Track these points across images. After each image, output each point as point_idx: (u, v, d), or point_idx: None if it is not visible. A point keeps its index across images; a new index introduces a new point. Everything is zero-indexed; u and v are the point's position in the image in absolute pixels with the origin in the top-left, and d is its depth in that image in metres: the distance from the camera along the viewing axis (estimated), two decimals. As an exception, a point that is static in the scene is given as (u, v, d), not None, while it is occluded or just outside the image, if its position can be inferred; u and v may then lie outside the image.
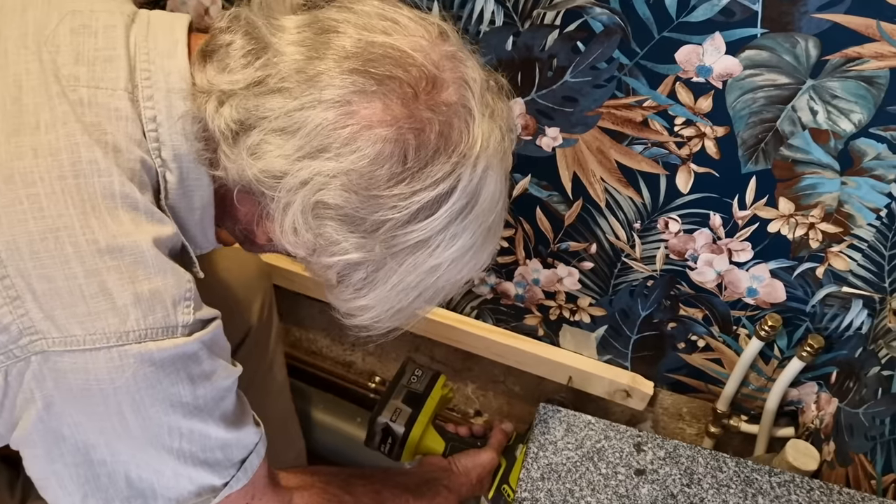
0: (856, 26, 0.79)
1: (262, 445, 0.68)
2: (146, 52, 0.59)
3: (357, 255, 0.58)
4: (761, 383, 1.15)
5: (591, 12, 0.88)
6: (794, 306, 1.04)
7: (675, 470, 0.79)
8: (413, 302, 0.63)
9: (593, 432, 0.82)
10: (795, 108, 0.86)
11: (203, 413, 0.60)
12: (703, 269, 1.05)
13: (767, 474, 0.80)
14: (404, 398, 0.97)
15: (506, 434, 1.01)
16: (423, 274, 0.61)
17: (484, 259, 0.65)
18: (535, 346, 1.24)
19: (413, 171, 0.55)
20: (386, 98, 0.55)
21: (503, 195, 0.63)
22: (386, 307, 0.63)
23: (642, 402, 1.21)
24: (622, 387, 1.20)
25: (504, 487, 0.96)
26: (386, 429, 0.94)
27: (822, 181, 0.91)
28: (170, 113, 0.58)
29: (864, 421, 0.96)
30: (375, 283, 0.61)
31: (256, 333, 1.04)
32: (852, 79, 0.82)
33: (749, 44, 0.83)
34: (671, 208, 1.01)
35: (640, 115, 0.94)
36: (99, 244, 0.54)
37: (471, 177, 0.57)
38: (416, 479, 0.92)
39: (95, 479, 0.60)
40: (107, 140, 0.56)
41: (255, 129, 0.55)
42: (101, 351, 0.54)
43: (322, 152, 0.54)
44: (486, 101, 0.60)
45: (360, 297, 0.62)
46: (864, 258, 0.95)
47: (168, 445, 0.59)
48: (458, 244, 0.60)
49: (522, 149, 1.03)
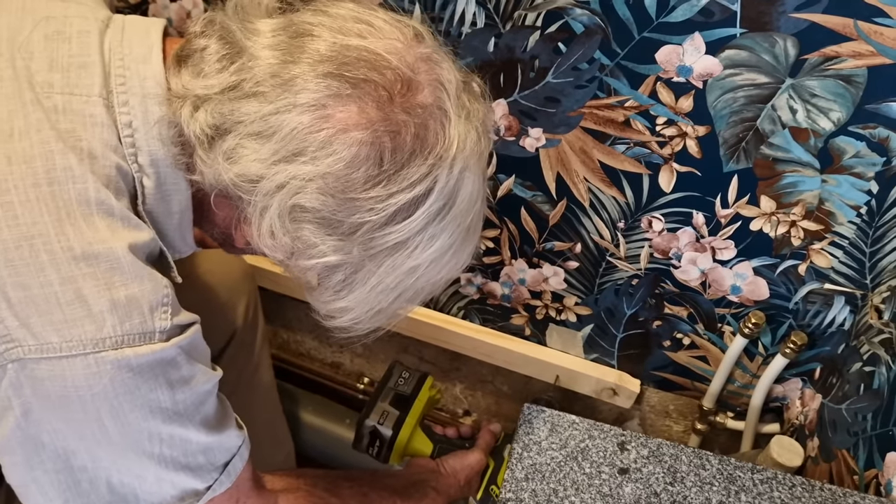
0: (833, 25, 0.79)
1: (245, 448, 0.67)
2: (121, 58, 0.58)
3: (335, 257, 0.58)
4: (746, 380, 1.16)
5: (572, 13, 0.88)
6: (777, 303, 1.04)
7: (658, 468, 0.79)
8: (393, 303, 0.64)
9: (577, 432, 0.82)
10: (775, 107, 0.87)
11: (183, 418, 0.60)
12: (686, 268, 1.06)
13: (750, 471, 0.80)
14: (391, 401, 0.97)
15: (493, 435, 1.01)
16: (402, 275, 0.61)
17: (463, 259, 0.65)
18: (523, 345, 1.24)
19: (389, 173, 0.56)
20: (361, 101, 0.55)
21: (481, 195, 0.63)
22: (366, 308, 0.63)
23: (629, 400, 1.22)
24: (609, 385, 1.21)
25: (492, 488, 0.96)
26: (374, 432, 0.94)
27: (803, 179, 0.91)
28: (146, 118, 0.58)
29: (846, 417, 0.97)
30: (354, 284, 0.61)
31: (241, 335, 1.04)
32: (831, 77, 0.83)
33: (728, 44, 0.84)
34: (654, 207, 1.01)
35: (621, 115, 0.94)
36: (74, 251, 0.53)
37: (447, 178, 0.58)
38: (403, 480, 0.92)
39: (76, 485, 0.60)
40: (82, 146, 0.55)
41: (230, 134, 0.55)
42: (77, 358, 0.53)
43: (298, 156, 0.54)
44: (462, 102, 0.60)
45: (340, 299, 0.62)
46: (846, 255, 0.96)
47: (149, 451, 0.59)
48: (437, 245, 0.60)
49: (506, 149, 1.03)
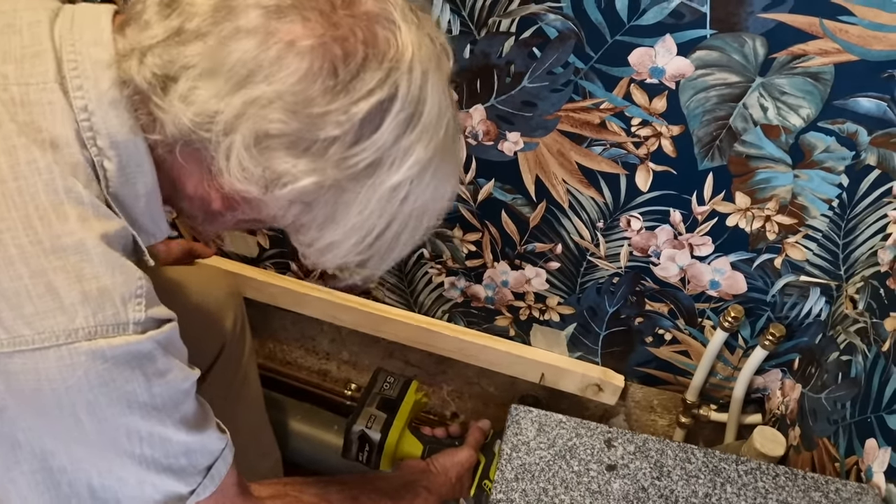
0: (800, 24, 0.81)
1: (228, 452, 0.67)
2: (72, 44, 0.58)
3: (310, 180, 0.56)
4: (728, 373, 1.18)
5: (545, 18, 0.89)
6: (755, 297, 1.06)
7: (645, 463, 0.81)
8: (384, 233, 0.62)
9: (564, 431, 0.83)
10: (747, 106, 0.89)
11: (161, 414, 0.59)
12: (666, 265, 1.08)
13: (734, 463, 0.82)
14: (378, 405, 0.97)
15: (483, 432, 1.02)
16: (385, 196, 0.59)
17: (447, 187, 0.63)
18: (507, 345, 1.26)
19: (346, 81, 0.54)
20: (303, 13, 0.54)
21: (450, 108, 0.61)
22: (355, 240, 0.61)
23: (614, 395, 1.23)
24: (594, 381, 1.22)
25: (485, 483, 0.96)
26: (362, 436, 0.95)
27: (776, 175, 0.93)
28: (100, 99, 0.57)
29: (826, 405, 0.99)
30: (337, 212, 0.59)
31: (229, 350, 1.04)
32: (799, 75, 0.85)
33: (699, 44, 0.86)
34: (632, 206, 1.03)
35: (597, 117, 0.95)
36: (43, 245, 0.53)
37: (409, 83, 0.56)
38: (394, 482, 0.92)
39: (56, 487, 0.59)
40: (43, 138, 0.55)
41: (182, 79, 0.54)
42: (50, 350, 0.53)
43: (250, 79, 0.54)
44: (408, 15, 0.58)
45: (327, 232, 0.60)
46: (820, 247, 0.98)
47: (128, 450, 0.59)
48: (413, 158, 0.58)
49: (485, 154, 1.04)
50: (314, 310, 1.30)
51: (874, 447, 0.85)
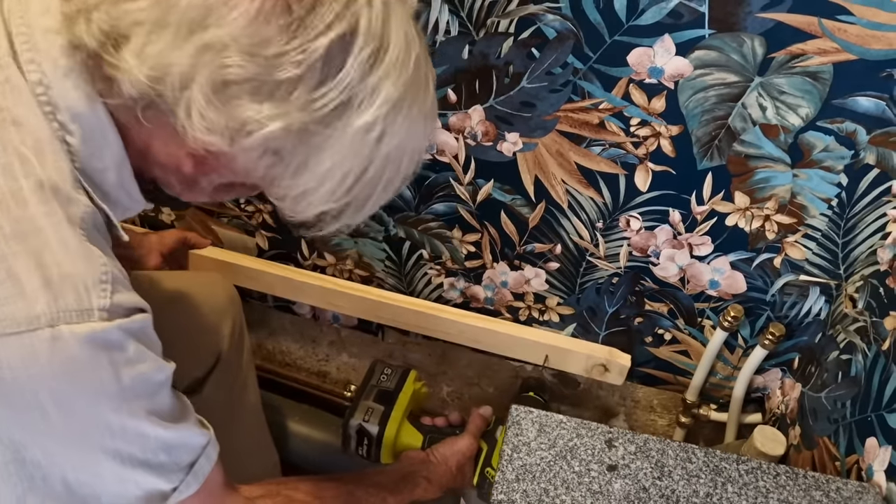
0: (798, 24, 0.81)
1: (212, 449, 0.65)
2: (20, 16, 0.56)
3: (276, 125, 0.54)
4: (728, 372, 1.18)
5: (544, 19, 0.89)
6: (754, 296, 1.07)
7: (646, 463, 0.81)
8: (361, 177, 0.59)
9: (565, 431, 0.83)
10: (745, 105, 0.89)
11: (133, 406, 0.56)
12: (665, 265, 1.08)
13: (735, 462, 0.82)
14: (375, 397, 0.95)
15: (484, 419, 1.00)
16: (357, 137, 0.56)
17: (423, 127, 0.61)
18: (508, 327, 1.22)
19: (301, 17, 0.52)
20: None
21: (418, 46, 0.59)
22: (330, 185, 0.58)
23: (620, 375, 1.19)
24: (599, 361, 1.18)
25: (487, 471, 0.95)
26: (360, 430, 0.93)
27: (775, 174, 0.94)
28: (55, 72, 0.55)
29: (826, 404, 0.99)
30: (309, 158, 0.57)
31: (228, 357, 1.04)
32: (798, 75, 0.85)
33: (698, 44, 0.86)
34: (631, 206, 1.03)
35: (596, 117, 0.95)
36: (3, 230, 0.52)
37: (370, 15, 0.54)
38: (392, 475, 0.91)
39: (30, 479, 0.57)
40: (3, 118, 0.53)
41: (133, 36, 0.52)
42: (11, 338, 0.51)
43: (201, 24, 0.52)
44: None
45: (300, 179, 0.58)
46: (819, 247, 0.98)
47: (101, 444, 0.56)
48: (382, 96, 0.56)
49: (484, 154, 1.04)
50: (311, 297, 1.27)
51: (875, 446, 0.85)
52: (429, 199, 1.13)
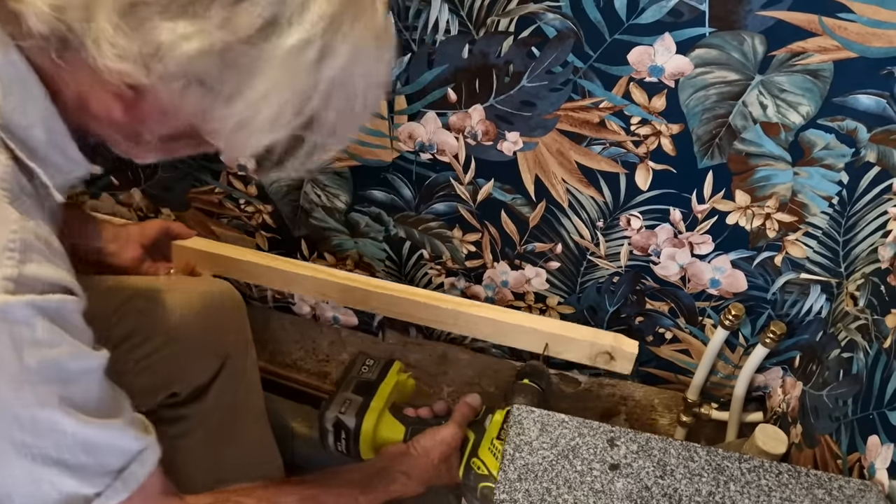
0: (799, 22, 0.81)
1: (150, 455, 0.60)
2: None
3: (193, 45, 0.49)
4: (729, 371, 1.18)
5: (544, 18, 0.89)
6: (755, 295, 1.06)
7: (648, 462, 0.81)
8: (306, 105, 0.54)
9: (567, 430, 0.83)
10: (746, 104, 0.89)
11: (40, 392, 0.52)
12: (666, 263, 1.07)
13: (737, 461, 0.82)
14: (354, 389, 0.90)
15: (471, 407, 0.94)
16: (291, 59, 0.51)
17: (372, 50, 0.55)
18: (508, 314, 1.17)
19: None
20: None
21: None
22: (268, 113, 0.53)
23: (628, 363, 1.12)
24: (604, 348, 1.12)
25: (474, 461, 0.89)
26: (337, 423, 0.87)
27: (776, 172, 0.93)
28: None
29: (827, 402, 0.99)
30: (241, 83, 0.52)
31: (233, 362, 1.04)
32: (798, 73, 0.85)
33: (698, 43, 0.86)
34: (632, 205, 1.03)
35: (596, 116, 0.95)
36: None
37: None
38: (366, 471, 0.84)
39: None
40: None
41: None
42: None
43: None
44: None
45: (235, 109, 0.53)
46: (820, 245, 0.98)
47: (10, 437, 0.52)
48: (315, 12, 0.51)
49: (484, 154, 1.04)
50: (302, 288, 1.23)
51: (877, 444, 0.85)
52: (429, 199, 1.13)
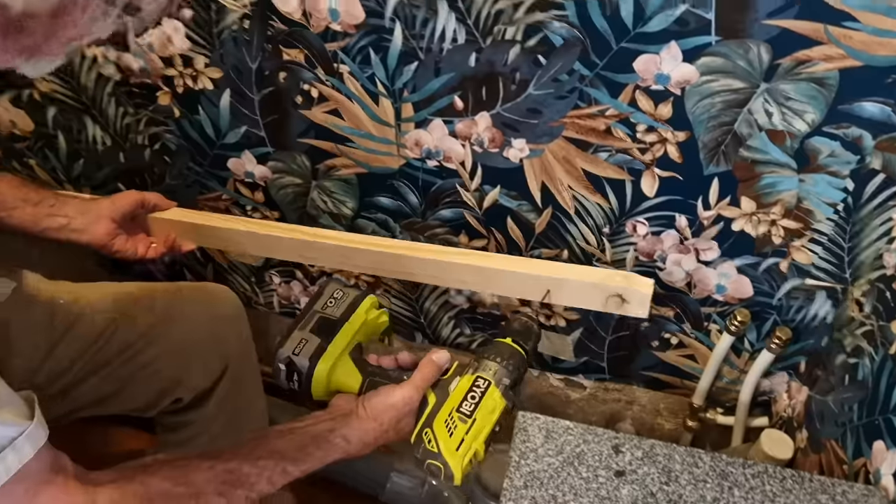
0: (804, 31, 0.81)
1: (24, 442, 0.57)
2: None
3: None
4: (734, 376, 1.18)
5: (551, 27, 0.90)
6: (761, 300, 1.07)
7: (653, 469, 0.81)
8: None
9: (572, 437, 0.84)
10: (752, 111, 0.89)
11: None
12: (672, 269, 1.08)
13: (742, 466, 0.82)
14: (314, 327, 0.81)
15: (436, 366, 0.81)
16: None
17: None
18: (499, 260, 1.03)
19: None
20: None
21: None
22: None
23: (643, 306, 0.98)
24: (614, 291, 0.96)
25: (426, 432, 0.76)
26: (290, 364, 0.80)
27: (781, 179, 0.94)
28: None
29: (833, 408, 0.99)
30: None
31: (235, 366, 1.04)
32: (804, 80, 0.85)
33: (704, 51, 0.86)
34: (638, 212, 1.03)
35: (603, 123, 0.96)
36: None
37: None
38: (298, 437, 0.75)
39: None
40: None
41: None
42: None
43: None
44: None
45: None
46: (825, 251, 0.99)
47: None
48: None
49: (490, 161, 1.05)
50: (283, 252, 1.16)
51: (882, 449, 0.85)
52: (435, 205, 1.14)
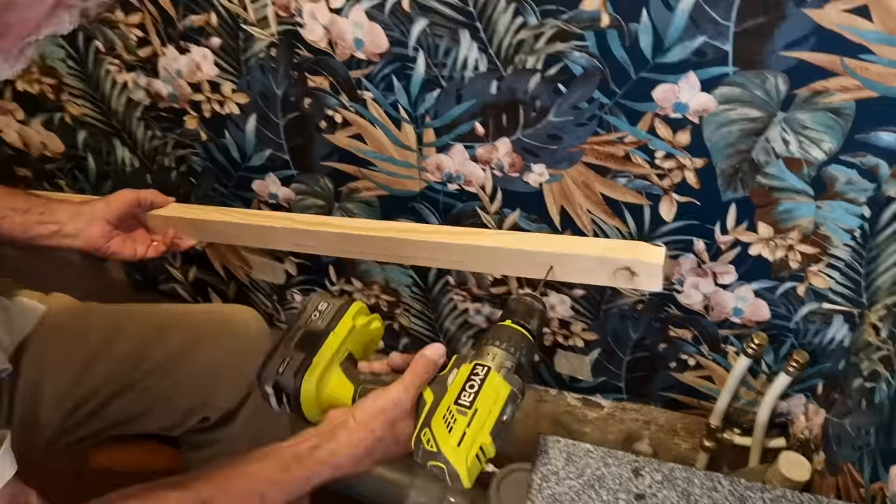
0: (821, 62, 0.83)
1: None
2: None
3: None
4: (751, 397, 1.19)
5: (571, 56, 0.92)
6: (778, 324, 1.08)
7: (672, 493, 0.82)
8: None
9: (592, 460, 0.85)
10: (769, 140, 0.91)
11: None
12: (689, 292, 1.09)
13: (760, 491, 0.83)
14: (298, 342, 0.77)
15: (430, 362, 0.73)
16: None
17: None
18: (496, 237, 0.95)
19: None
20: None
21: None
22: None
23: (654, 279, 0.86)
24: (622, 264, 0.86)
25: (424, 433, 0.68)
26: (276, 385, 0.75)
27: (798, 206, 0.95)
28: None
29: (850, 431, 1.00)
30: None
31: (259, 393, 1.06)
32: (821, 110, 0.86)
33: (722, 81, 0.88)
34: (656, 236, 1.05)
35: (621, 150, 0.98)
36: None
37: None
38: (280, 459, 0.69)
39: None
40: None
41: None
42: None
43: None
44: None
45: None
46: (842, 276, 1.00)
47: None
48: None
49: (510, 185, 1.07)
50: (278, 241, 1.11)
51: (900, 475, 0.86)
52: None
